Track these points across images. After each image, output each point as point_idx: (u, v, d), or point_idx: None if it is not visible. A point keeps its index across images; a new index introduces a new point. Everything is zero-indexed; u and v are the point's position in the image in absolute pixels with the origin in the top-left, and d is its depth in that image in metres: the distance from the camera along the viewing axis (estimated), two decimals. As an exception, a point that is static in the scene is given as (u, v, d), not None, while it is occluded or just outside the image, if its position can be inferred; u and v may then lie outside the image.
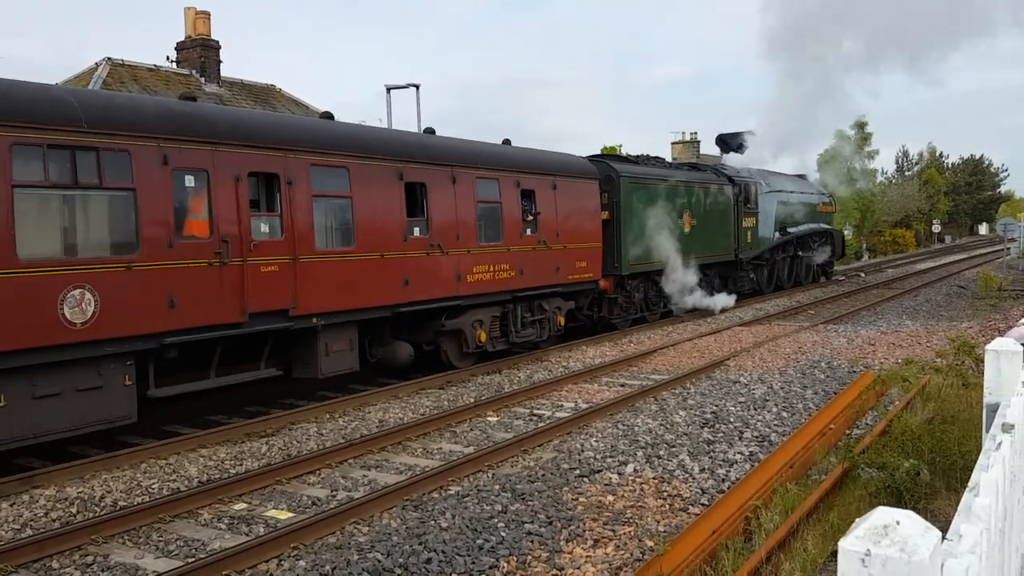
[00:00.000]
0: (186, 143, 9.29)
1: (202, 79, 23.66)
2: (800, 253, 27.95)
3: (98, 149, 8.49)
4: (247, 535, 6.61)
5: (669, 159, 41.27)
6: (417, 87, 24.83)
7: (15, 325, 7.75)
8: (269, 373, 10.73)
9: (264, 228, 10.31)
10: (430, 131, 13.80)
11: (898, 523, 1.23)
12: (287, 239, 10.38)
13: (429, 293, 12.57)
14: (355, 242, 11.35)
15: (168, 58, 24.30)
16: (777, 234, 25.90)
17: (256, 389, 11.49)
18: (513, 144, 15.72)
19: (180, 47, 24.28)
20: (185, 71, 23.80)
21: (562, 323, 16.11)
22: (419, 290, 12.34)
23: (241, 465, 8.61)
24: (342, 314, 11.14)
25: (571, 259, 15.87)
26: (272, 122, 11.14)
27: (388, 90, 25.05)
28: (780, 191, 26.24)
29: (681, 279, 19.86)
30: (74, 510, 7.29)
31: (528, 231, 14.85)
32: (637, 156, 21.03)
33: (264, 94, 25.76)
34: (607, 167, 17.95)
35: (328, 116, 12.44)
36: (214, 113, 10.75)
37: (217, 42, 24.28)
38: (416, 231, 12.48)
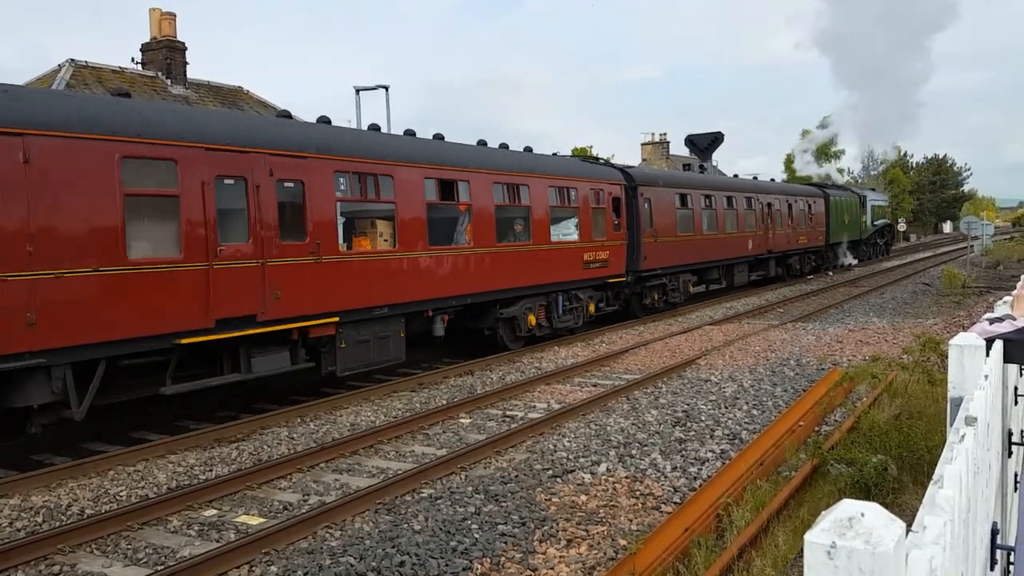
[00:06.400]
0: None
1: (168, 81, 23.36)
2: (877, 238, 45.26)
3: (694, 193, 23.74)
4: (217, 541, 6.54)
5: (640, 159, 44.74)
6: (387, 88, 24.72)
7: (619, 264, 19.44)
8: (702, 288, 24.73)
9: (705, 225, 23.81)
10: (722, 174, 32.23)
11: (863, 515, 1.24)
12: (695, 228, 23.38)
13: (790, 247, 30.75)
14: (733, 228, 26.14)
15: (133, 59, 23.96)
16: (872, 225, 42.82)
17: (224, 394, 11.38)
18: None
19: (145, 48, 23.91)
20: (151, 73, 23.48)
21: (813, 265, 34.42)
22: (782, 247, 29.75)
23: (211, 471, 8.52)
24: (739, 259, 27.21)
25: (817, 234, 34.08)
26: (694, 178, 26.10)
27: (357, 91, 24.91)
28: (872, 200, 43.51)
29: (846, 247, 38.45)
30: (40, 519, 7.16)
31: (811, 220, 32.92)
32: (828, 183, 41.43)
33: (231, 95, 25.50)
34: (822, 191, 35.51)
35: (689, 167, 28.99)
36: (695, 175, 27.11)
37: (183, 43, 23.96)
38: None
